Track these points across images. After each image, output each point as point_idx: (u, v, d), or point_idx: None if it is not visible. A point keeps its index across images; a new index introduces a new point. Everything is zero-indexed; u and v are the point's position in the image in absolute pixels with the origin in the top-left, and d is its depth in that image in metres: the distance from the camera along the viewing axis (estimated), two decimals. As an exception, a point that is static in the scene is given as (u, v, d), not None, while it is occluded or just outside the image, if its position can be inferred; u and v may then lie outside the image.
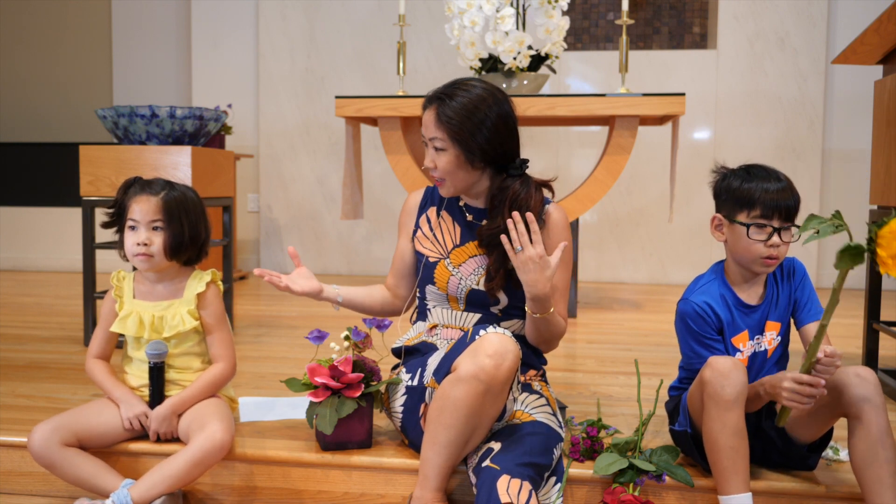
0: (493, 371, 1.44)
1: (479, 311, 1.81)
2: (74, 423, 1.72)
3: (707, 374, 1.54)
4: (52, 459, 1.66)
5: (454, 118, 1.68)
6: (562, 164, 5.07)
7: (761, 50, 4.84)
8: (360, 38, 5.20)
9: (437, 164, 1.72)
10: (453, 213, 1.86)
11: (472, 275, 1.79)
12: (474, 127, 1.69)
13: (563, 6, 3.54)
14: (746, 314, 1.66)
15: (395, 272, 1.93)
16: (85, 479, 1.68)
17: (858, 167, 4.79)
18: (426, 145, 1.74)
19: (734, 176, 1.64)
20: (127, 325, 1.82)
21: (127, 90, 5.54)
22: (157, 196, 1.79)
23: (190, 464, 1.64)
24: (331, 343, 1.83)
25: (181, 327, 1.81)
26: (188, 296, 1.84)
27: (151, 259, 1.79)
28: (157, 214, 1.78)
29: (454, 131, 1.68)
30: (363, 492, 1.77)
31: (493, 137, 1.71)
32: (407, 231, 1.91)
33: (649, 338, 3.22)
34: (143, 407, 1.78)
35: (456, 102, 1.69)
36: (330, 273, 5.34)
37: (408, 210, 1.92)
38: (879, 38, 2.36)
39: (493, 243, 1.74)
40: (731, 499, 1.52)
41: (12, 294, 4.38)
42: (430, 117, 1.71)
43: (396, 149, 3.54)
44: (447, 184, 1.76)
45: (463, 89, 1.71)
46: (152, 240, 1.78)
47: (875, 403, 1.48)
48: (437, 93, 1.73)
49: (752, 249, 1.59)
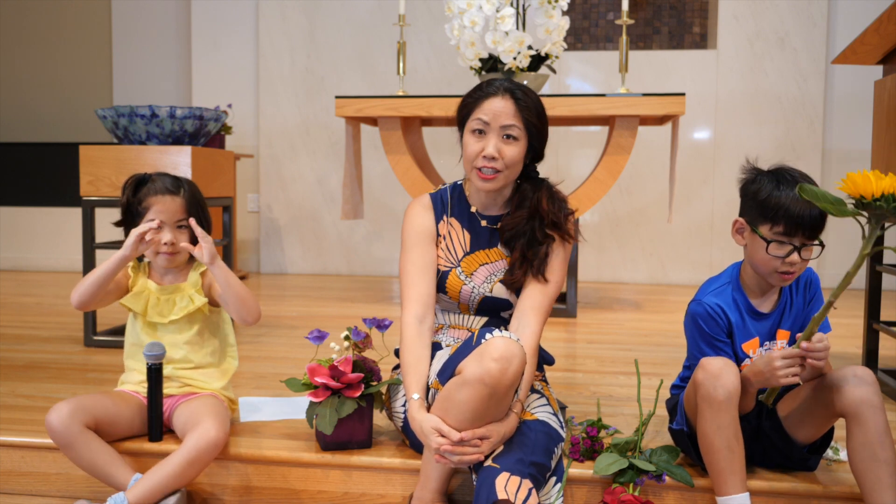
0: (498, 375, 1.44)
1: (488, 315, 1.81)
2: (94, 408, 1.72)
3: (699, 375, 1.54)
4: (71, 440, 1.65)
5: (534, 110, 1.70)
6: (562, 164, 5.07)
7: (761, 50, 4.84)
8: (360, 38, 5.20)
9: (503, 154, 1.68)
10: (462, 220, 1.82)
11: (485, 283, 1.77)
12: (545, 123, 1.74)
13: (563, 6, 3.54)
14: (758, 321, 1.65)
15: (429, 283, 1.75)
16: (100, 466, 1.67)
17: (858, 167, 4.77)
18: (484, 133, 1.69)
19: (764, 181, 1.59)
20: (139, 301, 1.85)
21: (127, 90, 5.54)
22: (178, 195, 1.83)
23: (185, 463, 1.64)
24: (331, 343, 1.83)
25: (190, 307, 1.84)
26: (192, 278, 1.89)
27: (177, 256, 1.84)
28: (182, 214, 1.82)
29: (532, 123, 1.70)
30: (363, 492, 1.77)
31: (547, 135, 1.77)
32: (431, 237, 1.80)
33: (649, 338, 3.22)
34: (143, 227, 1.76)
35: (532, 96, 1.72)
36: (330, 273, 5.34)
37: (423, 216, 1.81)
38: (879, 38, 2.36)
39: (516, 237, 1.75)
40: (729, 499, 1.52)
41: (12, 294, 4.38)
42: (509, 105, 1.68)
43: (396, 149, 3.54)
44: (502, 176, 1.71)
45: (524, 87, 1.73)
46: (178, 238, 1.82)
47: (873, 404, 1.48)
48: (506, 85, 1.71)
49: (770, 263, 1.56)
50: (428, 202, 1.83)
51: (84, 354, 2.81)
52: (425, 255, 1.77)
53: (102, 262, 1.80)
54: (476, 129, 1.70)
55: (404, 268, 1.76)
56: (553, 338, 3.19)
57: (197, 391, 1.87)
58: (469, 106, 1.73)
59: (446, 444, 1.46)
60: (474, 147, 1.69)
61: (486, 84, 1.73)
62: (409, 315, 1.69)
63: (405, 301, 1.72)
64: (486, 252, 1.79)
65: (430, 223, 1.81)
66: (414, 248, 1.77)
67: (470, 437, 1.46)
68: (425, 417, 1.52)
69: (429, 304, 1.72)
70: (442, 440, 1.47)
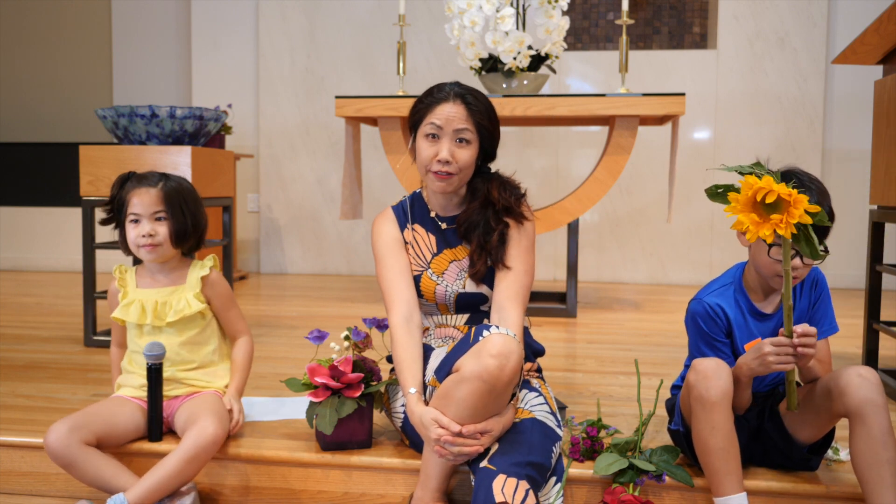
0: (496, 372, 1.44)
1: (468, 311, 1.83)
2: (92, 423, 1.71)
3: (691, 377, 1.54)
4: (72, 459, 1.64)
5: (486, 114, 1.75)
6: (562, 164, 5.07)
7: (761, 50, 4.84)
8: (360, 38, 5.20)
9: (457, 158, 1.72)
10: (425, 224, 1.86)
11: (457, 280, 1.80)
12: (496, 126, 1.79)
13: (563, 6, 3.54)
14: (761, 322, 1.65)
15: (410, 285, 1.79)
16: (104, 480, 1.65)
17: (858, 167, 4.79)
18: (437, 137, 1.72)
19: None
20: (130, 311, 1.84)
21: (127, 90, 5.54)
22: (155, 187, 1.82)
23: (183, 461, 1.63)
24: (331, 343, 1.83)
25: (187, 311, 1.83)
26: (192, 280, 1.87)
27: (158, 248, 1.82)
28: (159, 205, 1.81)
29: (484, 126, 1.74)
30: (363, 492, 1.77)
31: (498, 137, 1.81)
32: (401, 244, 1.84)
33: (649, 338, 3.22)
34: None
35: (482, 100, 1.76)
36: (330, 273, 5.34)
37: (389, 228, 1.85)
38: (879, 38, 2.36)
39: (470, 229, 1.79)
40: (726, 500, 1.51)
41: (12, 294, 4.38)
42: (460, 110, 1.72)
43: (396, 149, 3.54)
44: (456, 178, 1.75)
45: (474, 90, 1.77)
46: (157, 230, 1.81)
47: (877, 403, 1.48)
48: (456, 90, 1.75)
49: (772, 266, 1.56)
50: (391, 214, 1.88)
51: (84, 354, 2.81)
52: (400, 260, 1.81)
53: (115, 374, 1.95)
54: (429, 133, 1.74)
55: (382, 275, 1.80)
56: (553, 338, 3.19)
57: (199, 390, 1.87)
58: (422, 111, 1.76)
59: (446, 434, 1.47)
60: (428, 151, 1.74)
61: (436, 89, 1.77)
62: (397, 316, 1.73)
63: (390, 305, 1.76)
64: (454, 251, 1.82)
65: (396, 232, 1.85)
66: (387, 256, 1.82)
67: (471, 432, 1.47)
68: (424, 410, 1.53)
69: (413, 304, 1.77)
70: (441, 431, 1.48)
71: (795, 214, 1.30)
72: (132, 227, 1.81)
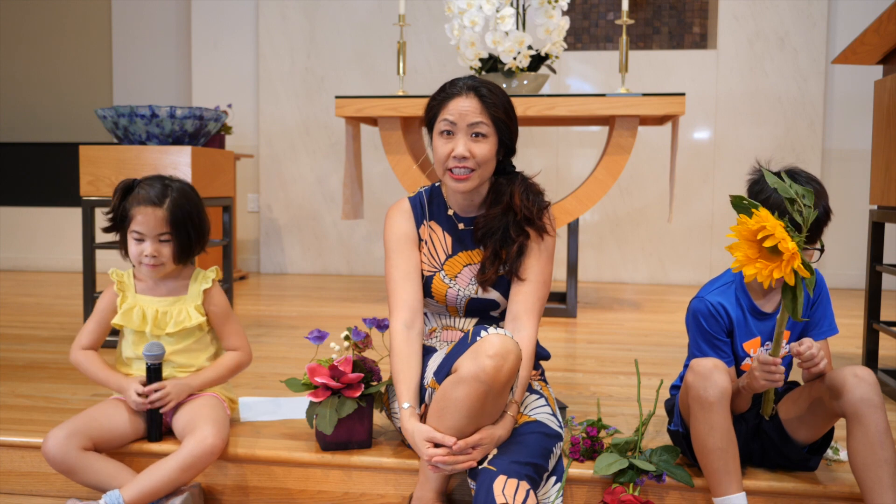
0: (494, 372, 1.44)
1: (478, 315, 1.81)
2: (89, 427, 1.70)
3: (689, 377, 1.54)
4: (71, 465, 1.64)
5: (500, 105, 1.69)
6: (562, 164, 5.07)
7: (761, 50, 4.84)
8: (360, 38, 5.20)
9: (474, 153, 1.66)
10: (441, 223, 1.81)
11: (469, 284, 1.77)
12: (511, 117, 1.72)
13: (563, 6, 3.54)
14: (761, 321, 1.65)
15: (416, 288, 1.74)
16: (106, 483, 1.65)
17: (858, 167, 4.79)
18: (452, 134, 1.68)
19: (767, 183, 1.60)
20: (132, 317, 1.82)
21: (127, 90, 5.54)
22: (161, 207, 1.76)
23: (180, 468, 1.64)
24: (331, 343, 1.83)
25: (188, 323, 1.82)
26: (194, 292, 1.86)
27: (161, 267, 1.80)
28: (164, 227, 1.77)
29: (500, 118, 1.69)
30: (363, 492, 1.77)
31: (517, 130, 1.74)
32: (413, 241, 1.79)
33: (649, 338, 3.22)
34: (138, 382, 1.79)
35: (497, 92, 1.70)
36: (330, 273, 5.34)
37: (403, 222, 1.80)
38: (879, 38, 2.36)
39: (488, 234, 1.74)
40: (725, 500, 1.52)
41: (12, 294, 4.38)
42: (474, 103, 1.67)
43: (396, 149, 3.54)
44: (476, 175, 1.69)
45: (488, 82, 1.71)
46: (161, 251, 1.78)
47: (874, 404, 1.48)
48: (469, 83, 1.69)
49: None
50: (407, 207, 1.82)
51: (84, 354, 2.80)
52: (409, 259, 1.76)
53: (106, 372, 1.83)
54: (444, 130, 1.69)
55: (389, 274, 1.76)
56: (553, 338, 3.19)
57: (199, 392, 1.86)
58: (435, 108, 1.72)
59: (438, 455, 1.46)
60: (444, 149, 1.68)
61: (449, 84, 1.72)
62: (398, 322, 1.69)
63: (392, 308, 1.72)
64: (469, 254, 1.78)
65: (411, 228, 1.80)
66: (397, 253, 1.77)
67: (462, 447, 1.46)
68: (416, 428, 1.51)
69: (416, 310, 1.72)
70: (433, 451, 1.47)
71: (786, 270, 1.31)
72: (135, 242, 1.78)
